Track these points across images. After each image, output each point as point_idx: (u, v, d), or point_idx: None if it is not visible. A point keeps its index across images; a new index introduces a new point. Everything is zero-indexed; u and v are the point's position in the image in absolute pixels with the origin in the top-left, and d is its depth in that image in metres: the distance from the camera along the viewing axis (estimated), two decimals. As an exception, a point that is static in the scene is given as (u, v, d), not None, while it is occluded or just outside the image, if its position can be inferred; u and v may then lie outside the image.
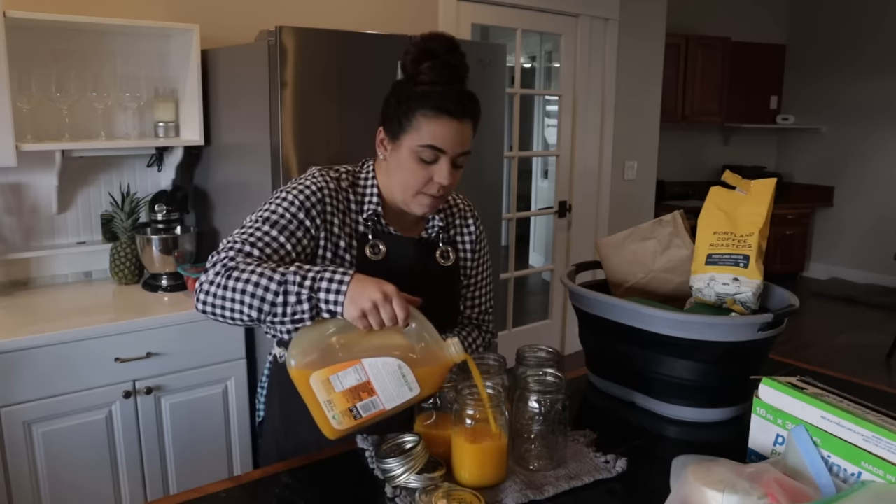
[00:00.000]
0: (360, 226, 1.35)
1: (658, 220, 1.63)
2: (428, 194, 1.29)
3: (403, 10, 3.30)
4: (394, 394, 1.13)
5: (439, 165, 1.26)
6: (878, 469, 0.97)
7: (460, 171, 1.32)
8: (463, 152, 1.28)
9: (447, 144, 1.25)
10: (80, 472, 2.12)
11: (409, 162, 1.27)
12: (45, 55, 2.39)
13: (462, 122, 1.25)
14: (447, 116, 1.23)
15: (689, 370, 1.37)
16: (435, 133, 1.24)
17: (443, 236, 1.44)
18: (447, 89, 1.24)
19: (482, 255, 1.53)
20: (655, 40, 4.56)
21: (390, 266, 1.34)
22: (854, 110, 6.36)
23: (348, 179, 1.36)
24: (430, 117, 1.23)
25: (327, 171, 1.35)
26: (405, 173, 1.28)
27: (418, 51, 1.25)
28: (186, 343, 2.26)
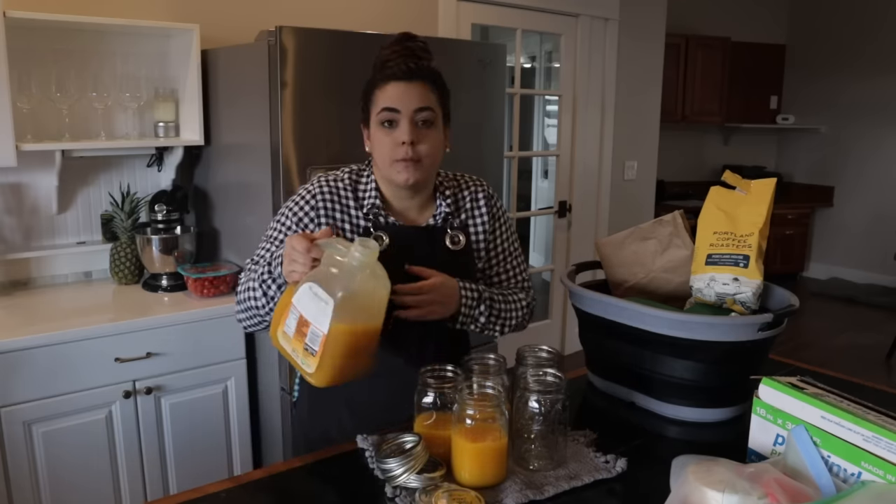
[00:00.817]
0: (362, 220, 1.39)
1: (658, 220, 1.63)
2: (400, 159, 1.33)
3: (403, 11, 3.30)
4: (317, 313, 1.13)
5: (400, 126, 1.32)
6: (878, 469, 0.97)
7: (433, 133, 1.35)
8: (419, 108, 1.33)
9: (399, 103, 1.32)
10: (80, 472, 2.12)
11: (377, 134, 1.35)
12: (45, 55, 2.39)
13: (411, 82, 1.32)
14: (395, 80, 1.32)
15: (689, 370, 1.37)
16: (387, 97, 1.32)
17: (452, 221, 1.44)
18: (398, 62, 1.33)
19: (503, 230, 1.53)
20: (655, 40, 4.56)
21: (396, 256, 1.35)
22: (854, 110, 6.36)
23: (350, 179, 1.42)
24: (382, 87, 1.33)
25: (325, 176, 1.43)
26: (378, 147, 1.36)
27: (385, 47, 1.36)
28: (186, 343, 2.26)
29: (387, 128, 1.33)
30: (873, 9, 6.14)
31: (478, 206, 1.49)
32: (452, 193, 1.47)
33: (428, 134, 1.34)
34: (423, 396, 1.23)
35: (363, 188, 1.41)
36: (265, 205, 2.26)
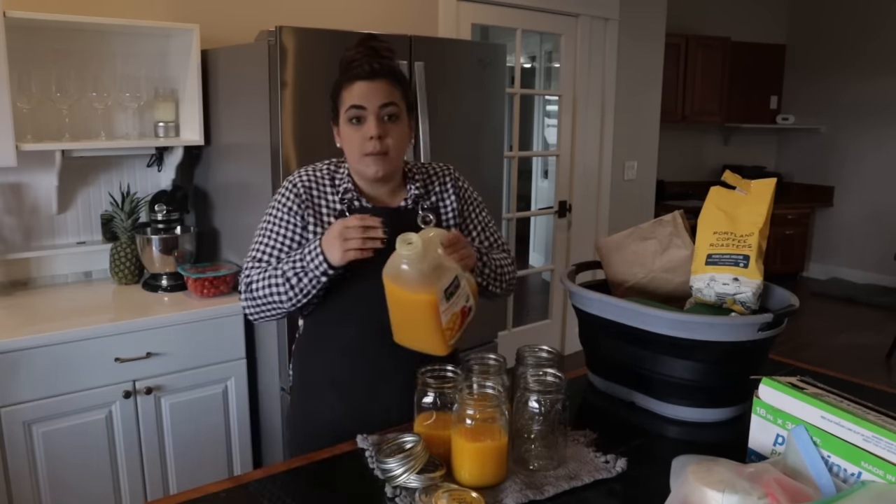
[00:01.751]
0: (338, 204, 1.49)
1: (658, 220, 1.63)
2: (369, 153, 1.41)
3: (403, 11, 3.30)
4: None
5: (367, 122, 1.41)
6: (878, 469, 0.97)
7: (398, 127, 1.44)
8: (384, 104, 1.41)
9: (365, 100, 1.40)
10: (80, 472, 2.12)
11: (346, 131, 1.44)
12: (45, 55, 2.39)
13: (374, 80, 1.40)
14: (359, 80, 1.41)
15: (689, 370, 1.37)
16: (353, 95, 1.41)
17: (423, 203, 1.52)
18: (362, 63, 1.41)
19: (473, 206, 1.61)
20: (655, 40, 4.56)
21: None
22: (854, 110, 6.36)
23: (328, 170, 1.53)
24: (348, 87, 1.42)
25: (306, 168, 1.54)
26: (348, 142, 1.44)
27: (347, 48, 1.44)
28: (186, 343, 2.26)
29: (355, 124, 1.41)
30: (873, 9, 6.14)
31: (445, 189, 1.57)
32: (422, 178, 1.55)
33: (393, 127, 1.43)
34: (423, 396, 1.23)
35: (340, 177, 1.51)
36: (265, 205, 2.24)
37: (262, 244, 1.50)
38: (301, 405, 1.57)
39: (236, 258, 2.57)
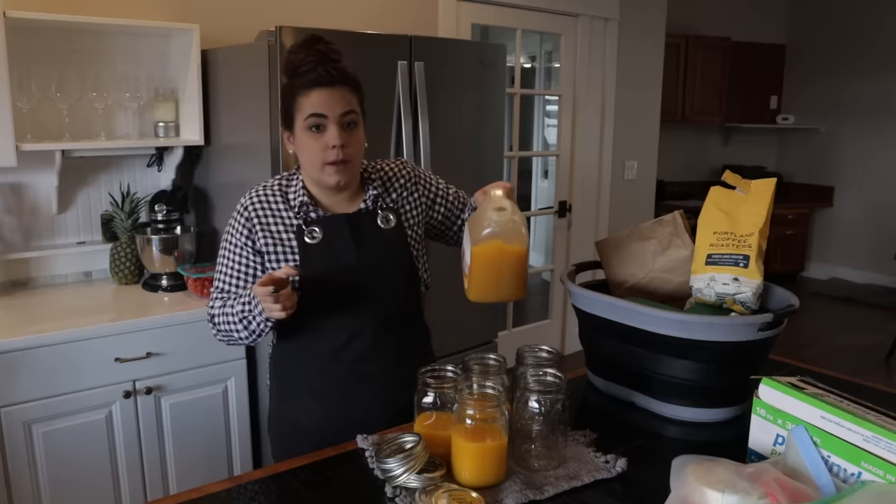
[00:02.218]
0: (294, 219, 1.46)
1: (658, 220, 1.63)
2: (331, 162, 1.39)
3: (403, 11, 3.30)
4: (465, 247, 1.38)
5: (328, 131, 1.38)
6: (878, 469, 0.97)
7: (356, 135, 1.42)
8: (345, 112, 1.39)
9: (325, 108, 1.37)
10: (80, 472, 2.12)
11: (304, 139, 1.40)
12: (45, 55, 2.39)
13: (334, 88, 1.38)
14: (318, 87, 1.37)
15: (689, 370, 1.37)
16: (313, 103, 1.37)
17: (381, 203, 1.50)
18: (317, 70, 1.37)
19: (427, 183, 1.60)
20: (655, 40, 4.56)
21: (330, 244, 1.45)
22: (854, 110, 6.36)
23: (279, 186, 1.50)
24: (306, 94, 1.38)
25: (255, 189, 1.51)
26: (306, 151, 1.41)
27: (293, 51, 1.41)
28: (186, 343, 2.26)
29: (315, 132, 1.38)
30: (873, 9, 6.14)
31: (403, 185, 1.56)
32: (379, 179, 1.54)
33: (353, 135, 1.41)
34: (423, 396, 1.24)
35: (293, 191, 1.48)
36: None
37: (221, 274, 1.51)
38: (280, 412, 1.57)
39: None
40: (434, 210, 1.60)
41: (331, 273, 1.43)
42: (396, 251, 1.50)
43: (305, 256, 1.43)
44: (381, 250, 1.47)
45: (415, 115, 2.46)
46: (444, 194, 1.62)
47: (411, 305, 1.56)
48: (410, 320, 1.57)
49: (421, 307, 1.60)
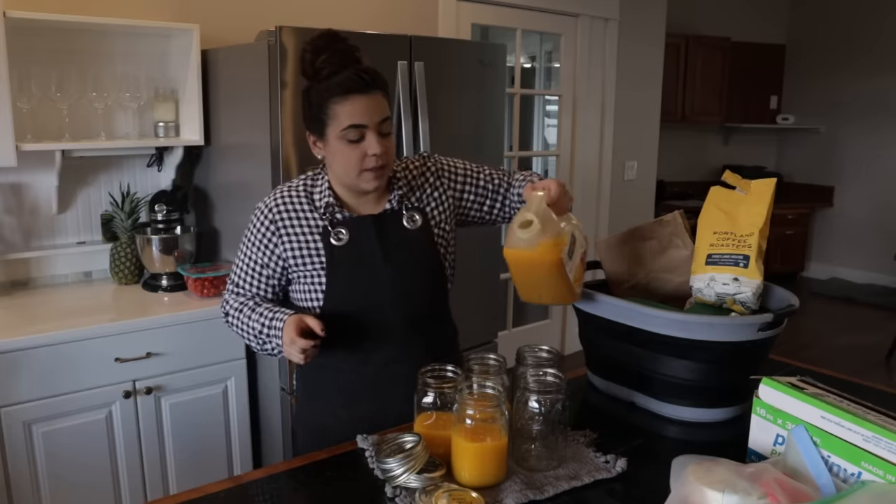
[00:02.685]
0: (319, 220, 1.45)
1: (658, 220, 1.63)
2: (369, 169, 1.37)
3: (403, 10, 3.30)
4: None
5: (367, 139, 1.35)
6: (878, 469, 0.97)
7: (391, 139, 1.40)
8: (382, 120, 1.36)
9: (365, 118, 1.34)
10: (80, 472, 2.12)
11: (340, 148, 1.36)
12: (45, 55, 2.39)
13: (370, 94, 1.34)
14: (355, 94, 1.33)
15: (689, 370, 1.37)
16: (351, 112, 1.33)
17: (406, 203, 1.48)
18: (346, 74, 1.33)
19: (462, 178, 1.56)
20: (655, 40, 4.56)
21: (356, 245, 1.44)
22: (854, 110, 6.36)
23: (304, 187, 1.48)
24: (342, 102, 1.33)
25: (281, 188, 1.49)
26: (342, 159, 1.38)
27: (312, 51, 1.35)
28: (186, 343, 2.26)
29: (353, 141, 1.35)
30: (873, 9, 6.14)
31: (428, 181, 1.53)
32: (405, 178, 1.51)
33: (389, 139, 1.39)
34: (423, 396, 1.23)
35: (318, 191, 1.46)
36: (265, 205, 2.26)
37: (237, 268, 1.52)
38: (306, 415, 1.57)
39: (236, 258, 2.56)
40: (464, 200, 1.56)
41: (357, 275, 1.43)
42: (423, 251, 1.48)
43: (332, 258, 1.43)
44: (407, 251, 1.46)
45: (415, 115, 2.46)
46: (474, 182, 1.57)
47: (438, 305, 1.55)
48: (438, 320, 1.56)
49: (448, 306, 1.59)
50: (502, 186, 1.59)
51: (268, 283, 1.50)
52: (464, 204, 1.56)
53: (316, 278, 1.45)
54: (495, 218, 1.62)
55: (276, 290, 1.52)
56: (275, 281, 1.50)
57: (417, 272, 1.47)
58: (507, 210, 1.60)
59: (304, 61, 1.36)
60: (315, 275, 1.44)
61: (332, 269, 1.43)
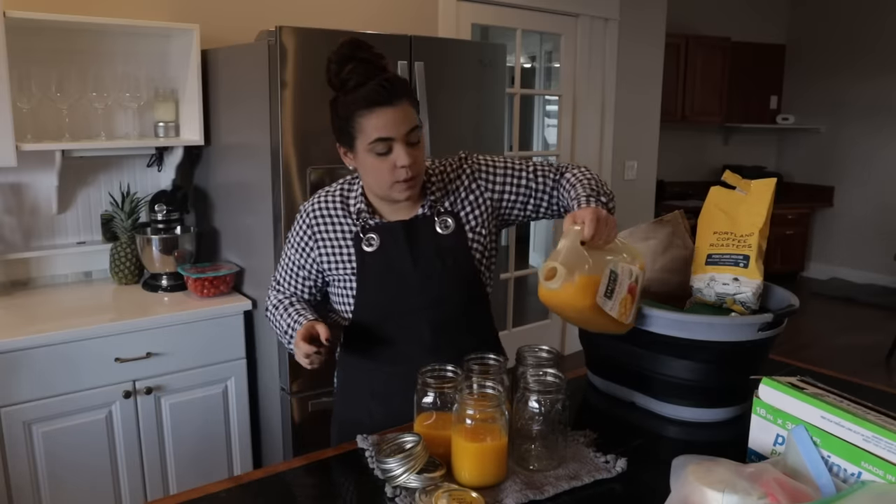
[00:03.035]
0: (353, 226, 1.47)
1: (658, 220, 1.63)
2: (400, 181, 1.36)
3: (403, 10, 3.30)
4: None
5: (395, 151, 1.34)
6: (878, 469, 0.97)
7: (420, 147, 1.38)
8: (410, 130, 1.34)
9: (391, 130, 1.32)
10: (80, 472, 2.12)
11: (370, 161, 1.36)
12: (45, 55, 2.39)
13: (395, 105, 1.32)
14: (379, 107, 1.31)
15: (689, 370, 1.37)
16: (377, 125, 1.32)
17: (439, 208, 1.47)
18: (370, 86, 1.31)
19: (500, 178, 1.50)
20: (655, 40, 4.56)
21: (386, 251, 1.45)
22: (854, 110, 6.36)
23: (340, 193, 1.50)
24: (367, 115, 1.32)
25: (320, 194, 1.53)
26: (373, 172, 1.38)
27: (337, 61, 1.35)
28: (186, 343, 2.26)
29: (382, 154, 1.34)
30: (873, 9, 6.14)
31: (463, 184, 1.50)
32: (440, 182, 1.49)
33: (419, 148, 1.38)
34: (423, 396, 1.23)
35: (353, 197, 1.48)
36: (265, 205, 2.26)
37: (280, 267, 1.58)
38: (344, 410, 1.60)
39: (236, 258, 2.57)
40: (504, 201, 1.51)
41: (387, 280, 1.44)
42: (455, 257, 1.46)
43: (363, 264, 1.45)
44: (437, 257, 1.45)
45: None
46: (514, 181, 1.51)
47: (473, 309, 1.53)
48: (473, 324, 1.53)
49: (486, 309, 1.56)
50: (547, 184, 1.51)
51: (304, 284, 1.55)
52: (504, 205, 1.52)
53: (347, 283, 1.47)
54: (542, 216, 1.56)
55: (312, 291, 1.57)
56: (311, 282, 1.55)
57: (447, 278, 1.45)
58: (553, 209, 1.54)
59: (330, 72, 1.35)
60: (347, 279, 1.47)
61: (363, 275, 1.45)
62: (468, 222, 1.48)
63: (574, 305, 1.25)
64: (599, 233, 1.24)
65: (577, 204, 1.38)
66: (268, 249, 2.28)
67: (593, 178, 1.48)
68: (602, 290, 1.24)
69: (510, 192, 1.51)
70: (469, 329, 1.52)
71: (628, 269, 1.30)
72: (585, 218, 1.24)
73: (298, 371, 2.27)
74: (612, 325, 1.31)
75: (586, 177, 1.48)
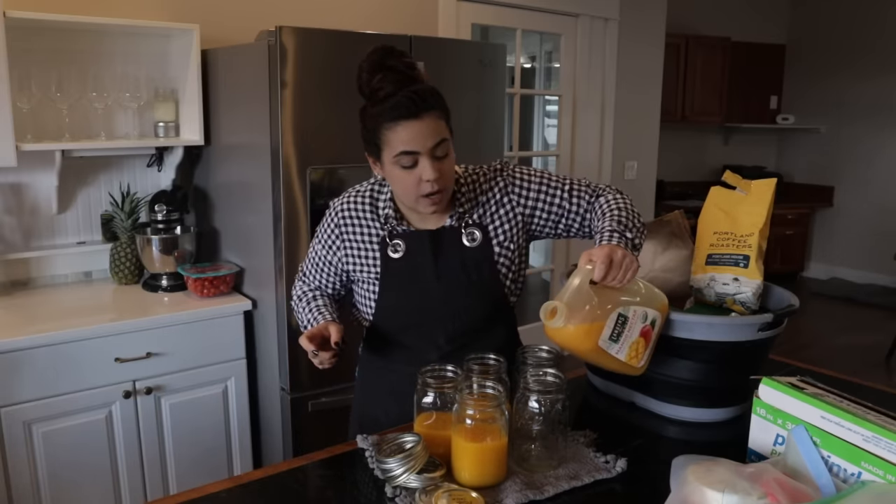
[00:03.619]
0: (380, 230, 1.46)
1: (658, 220, 1.63)
2: (426, 195, 1.34)
3: (403, 10, 3.30)
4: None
5: (421, 165, 1.31)
6: (878, 469, 0.97)
7: (449, 160, 1.35)
8: (436, 143, 1.31)
9: (416, 144, 1.29)
10: (80, 472, 2.12)
11: (395, 173, 1.34)
12: (45, 55, 2.39)
13: (421, 118, 1.29)
14: (405, 120, 1.28)
15: (689, 370, 1.37)
16: (402, 139, 1.29)
17: (467, 219, 1.44)
18: (398, 98, 1.28)
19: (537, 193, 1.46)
20: (655, 40, 4.56)
21: (411, 259, 1.44)
22: (854, 110, 6.36)
23: (370, 194, 1.49)
24: (392, 128, 1.29)
25: (348, 195, 1.51)
26: (399, 184, 1.36)
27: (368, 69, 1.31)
28: (186, 343, 2.26)
29: (407, 167, 1.32)
30: (873, 9, 6.14)
31: (495, 197, 1.46)
32: (470, 191, 1.45)
33: (446, 162, 1.34)
34: (423, 396, 1.23)
35: (383, 199, 1.46)
36: (265, 205, 2.26)
37: (308, 259, 1.59)
38: (362, 407, 1.61)
39: (236, 258, 2.57)
40: (535, 218, 1.47)
41: (409, 289, 1.44)
42: (479, 270, 1.44)
43: (387, 269, 1.44)
44: (462, 268, 1.43)
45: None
46: (548, 199, 1.46)
47: (495, 321, 1.52)
48: (494, 336, 1.52)
49: (509, 321, 1.56)
50: (581, 206, 1.47)
51: (328, 280, 1.56)
52: (535, 221, 1.48)
53: (371, 286, 1.47)
54: (573, 236, 1.52)
55: (336, 287, 1.57)
56: (335, 279, 1.55)
57: (470, 290, 1.44)
58: (584, 230, 1.49)
59: (361, 80, 1.33)
60: (370, 282, 1.47)
61: (386, 280, 1.45)
62: (496, 236, 1.46)
63: (576, 346, 1.24)
64: (611, 275, 1.21)
65: (601, 238, 1.33)
66: (268, 249, 2.28)
67: (626, 207, 1.41)
68: (607, 333, 1.22)
69: (542, 210, 1.47)
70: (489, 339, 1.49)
71: (642, 313, 1.26)
72: (598, 258, 1.21)
73: (298, 371, 2.27)
74: (622, 367, 1.29)
75: (619, 206, 1.41)
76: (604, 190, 1.49)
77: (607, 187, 1.50)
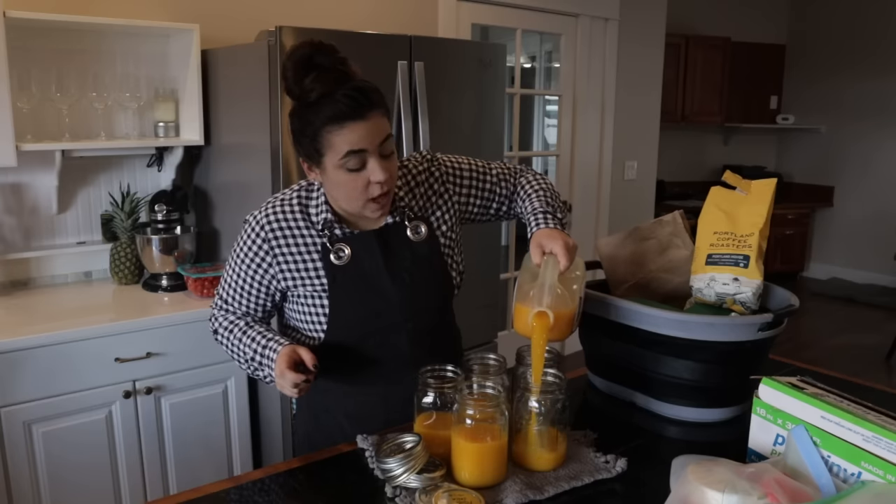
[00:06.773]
0: (317, 237, 1.35)
1: (658, 220, 1.63)
2: (374, 198, 1.27)
3: (403, 10, 3.30)
4: None
5: (370, 166, 1.24)
6: (878, 469, 0.97)
7: (394, 158, 1.29)
8: (383, 140, 1.24)
9: (364, 143, 1.22)
10: (80, 472, 2.12)
11: (340, 177, 1.25)
12: (45, 55, 2.39)
13: (367, 117, 1.21)
14: (351, 122, 1.20)
15: (689, 370, 1.37)
16: (350, 140, 1.21)
17: (409, 213, 1.39)
18: (338, 99, 1.19)
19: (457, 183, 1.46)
20: (655, 40, 4.56)
21: (358, 263, 1.35)
22: (854, 110, 6.36)
23: (298, 200, 1.36)
24: (336, 131, 1.21)
25: (271, 204, 1.37)
26: (344, 188, 1.27)
27: (294, 68, 1.21)
28: (186, 343, 2.26)
29: (354, 169, 1.23)
30: (873, 9, 6.14)
31: (432, 188, 1.43)
32: (407, 187, 1.40)
33: (392, 159, 1.28)
34: (423, 396, 1.23)
35: (314, 205, 1.36)
36: (265, 205, 2.26)
37: (225, 283, 1.42)
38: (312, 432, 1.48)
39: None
40: (470, 204, 1.48)
41: (363, 296, 1.35)
42: (430, 264, 1.40)
43: (334, 279, 1.33)
44: (413, 266, 1.38)
45: (415, 115, 2.46)
46: (480, 185, 1.47)
47: (444, 315, 1.50)
48: (443, 330, 1.50)
49: (452, 313, 1.54)
50: (508, 188, 1.50)
51: (257, 303, 1.41)
52: (469, 208, 1.48)
53: (317, 300, 1.36)
54: (500, 219, 1.56)
55: (266, 310, 1.43)
56: (266, 300, 1.40)
57: (425, 287, 1.39)
58: (511, 213, 1.53)
59: (287, 80, 1.22)
60: (316, 296, 1.36)
61: (335, 291, 1.34)
62: (439, 227, 1.42)
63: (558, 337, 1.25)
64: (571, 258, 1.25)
65: (535, 220, 1.37)
66: (268, 249, 2.28)
67: (548, 188, 1.46)
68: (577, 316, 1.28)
69: (476, 196, 1.48)
70: (441, 333, 1.48)
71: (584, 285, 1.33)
72: (556, 249, 1.24)
73: (298, 371, 2.27)
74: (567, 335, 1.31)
75: (542, 186, 1.46)
76: (522, 172, 1.53)
77: (523, 168, 1.54)
